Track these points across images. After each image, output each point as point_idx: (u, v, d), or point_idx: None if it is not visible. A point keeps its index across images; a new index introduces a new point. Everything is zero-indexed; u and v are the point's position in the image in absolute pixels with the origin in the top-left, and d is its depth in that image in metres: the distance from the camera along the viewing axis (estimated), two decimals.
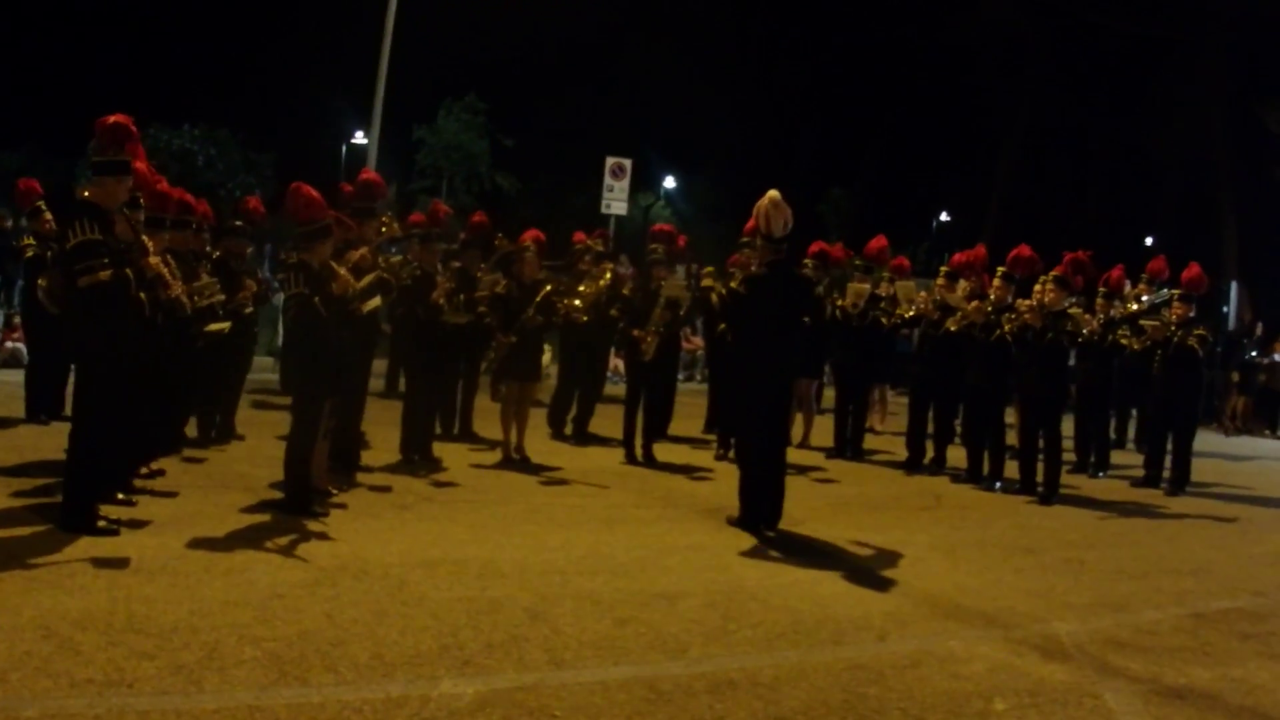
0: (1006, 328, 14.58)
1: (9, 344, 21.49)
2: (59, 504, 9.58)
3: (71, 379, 11.04)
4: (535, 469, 14.21)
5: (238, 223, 15.17)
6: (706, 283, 15.80)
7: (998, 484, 15.02)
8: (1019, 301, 14.75)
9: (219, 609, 7.57)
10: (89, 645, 6.73)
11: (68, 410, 12.10)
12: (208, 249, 13.79)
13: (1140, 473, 16.58)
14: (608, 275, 16.16)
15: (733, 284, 12.18)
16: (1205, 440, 19.98)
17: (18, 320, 20.54)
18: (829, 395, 18.64)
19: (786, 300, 11.63)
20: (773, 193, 11.55)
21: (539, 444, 15.56)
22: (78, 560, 8.45)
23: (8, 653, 6.53)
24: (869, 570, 10.19)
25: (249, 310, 14.67)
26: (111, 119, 9.73)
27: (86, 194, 9.76)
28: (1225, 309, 30.98)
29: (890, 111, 58.56)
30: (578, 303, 15.54)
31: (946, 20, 50.36)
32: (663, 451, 15.79)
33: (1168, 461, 16.29)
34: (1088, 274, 15.03)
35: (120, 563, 8.45)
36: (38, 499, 10.42)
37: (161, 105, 41.73)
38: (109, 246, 9.34)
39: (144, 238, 9.91)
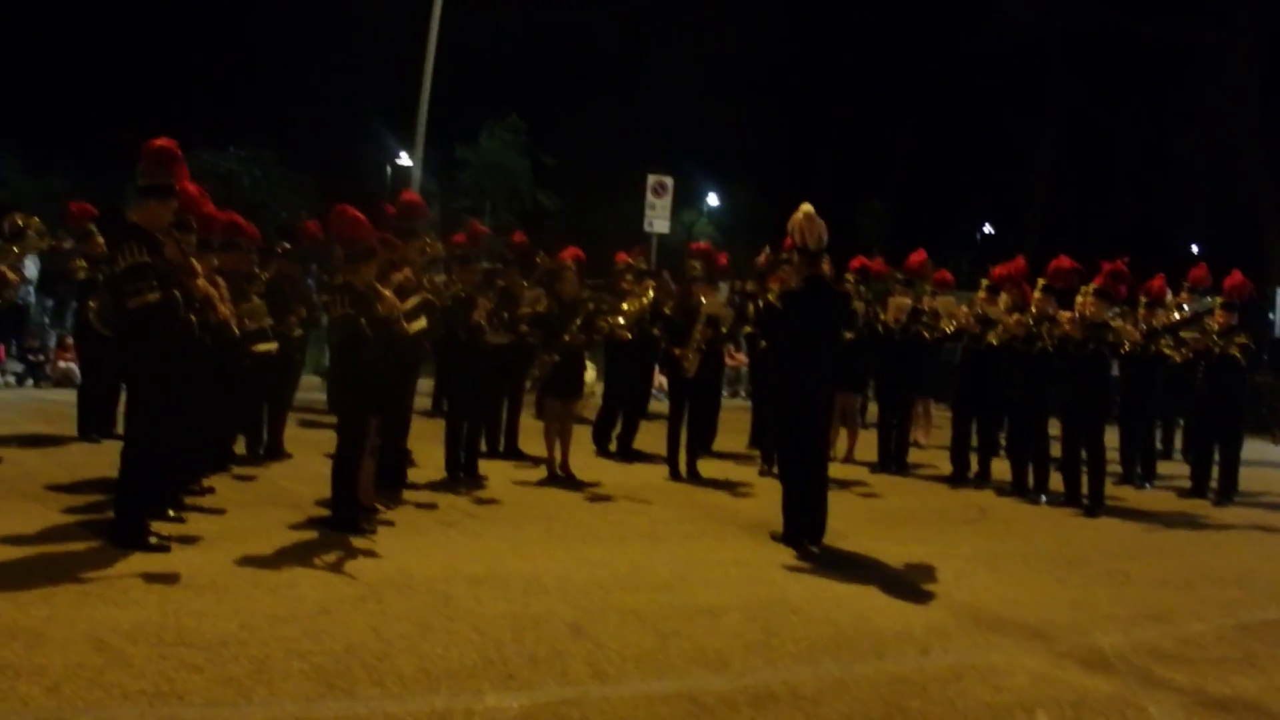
0: (1048, 340, 14.57)
1: (62, 364, 21.73)
2: (111, 520, 9.70)
3: (123, 399, 11.15)
4: (579, 485, 14.26)
5: (286, 245, 15.29)
6: (750, 286, 15.79)
7: (1043, 497, 14.98)
8: (1060, 313, 14.72)
9: (267, 623, 7.65)
10: (140, 657, 6.83)
11: (119, 429, 12.23)
12: (256, 270, 13.91)
13: (1187, 483, 16.45)
14: (650, 292, 16.20)
15: (770, 298, 12.20)
16: (1253, 449, 19.83)
17: (70, 341, 20.74)
18: (873, 409, 18.63)
19: (824, 314, 11.66)
20: (806, 206, 11.59)
21: (583, 460, 15.58)
22: (129, 575, 8.56)
23: (61, 664, 6.63)
24: (911, 583, 10.20)
25: (298, 333, 14.80)
26: (157, 142, 9.87)
27: (134, 217, 9.89)
28: (1271, 315, 30.81)
29: (932, 123, 58.42)
30: (622, 320, 15.58)
31: (983, 30, 50.21)
32: (707, 467, 15.80)
33: (1215, 471, 16.17)
34: (1128, 283, 14.99)
35: (170, 578, 8.55)
36: (90, 515, 10.56)
37: (207, 127, 41.99)
38: (157, 269, 9.45)
39: (192, 260, 10.03)
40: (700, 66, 51.38)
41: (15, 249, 13.73)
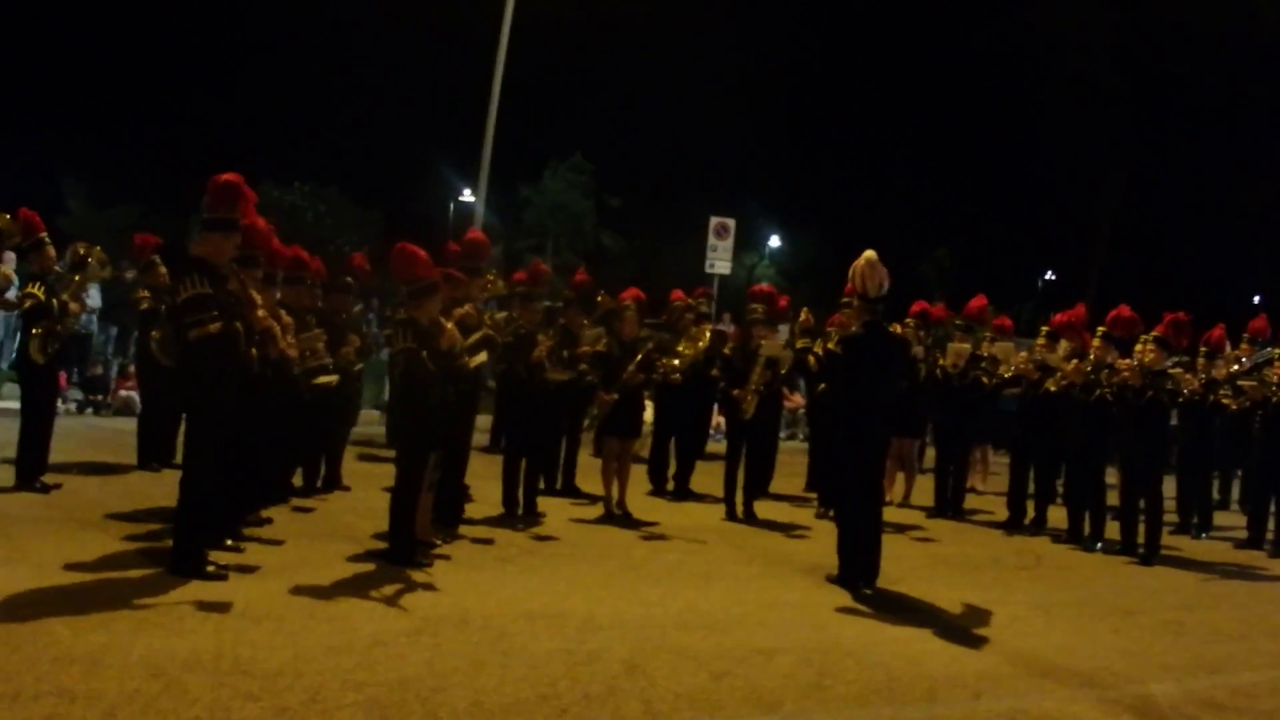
0: (1107, 388, 14.53)
1: (123, 393, 21.92)
2: (169, 549, 9.79)
3: (183, 428, 11.26)
4: (635, 524, 14.28)
5: (349, 279, 15.41)
6: (802, 343, 15.83)
7: (1099, 545, 14.89)
8: (1119, 361, 14.68)
9: (322, 654, 7.72)
10: (195, 686, 6.89)
11: (179, 459, 12.34)
12: (319, 304, 14.03)
13: (1244, 534, 16.34)
14: (706, 336, 16.24)
15: (830, 344, 12.25)
16: None
17: (131, 370, 20.91)
18: (930, 455, 18.60)
19: (882, 360, 11.69)
20: (869, 253, 11.64)
21: (640, 500, 15.64)
22: (186, 603, 8.65)
23: (117, 690, 6.71)
24: (965, 629, 10.18)
25: (359, 368, 14.91)
26: (224, 177, 9.99)
27: (198, 250, 10.00)
28: None
29: (997, 171, 58.39)
30: (675, 362, 15.62)
31: (1050, 80, 50.15)
32: (763, 509, 15.78)
33: (1271, 523, 16.06)
34: (1188, 335, 14.94)
35: (227, 607, 8.63)
36: (149, 544, 10.68)
37: (273, 162, 42.39)
38: (219, 301, 9.56)
39: (253, 292, 10.15)
40: (765, 110, 51.45)
41: (77, 278, 13.91)
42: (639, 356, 14.70)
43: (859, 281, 11.56)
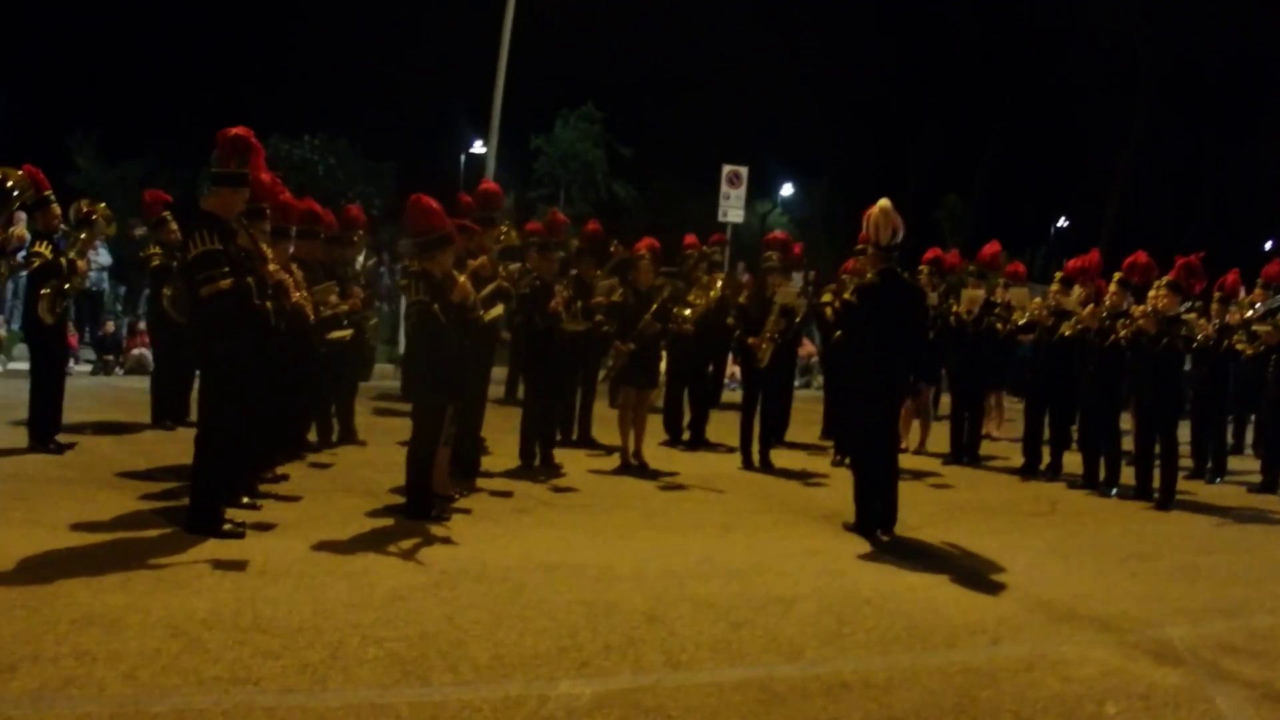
0: (1122, 334, 14.50)
1: (135, 351, 21.86)
2: (186, 507, 9.80)
3: (196, 385, 11.26)
4: (653, 474, 14.30)
5: (351, 232, 15.37)
6: (826, 298, 15.76)
7: (1114, 490, 14.92)
8: (1134, 308, 14.66)
9: (342, 610, 7.74)
10: (216, 644, 6.92)
11: (193, 416, 12.36)
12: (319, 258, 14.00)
13: (1257, 478, 16.35)
14: (718, 285, 16.21)
15: (845, 294, 12.24)
16: None
17: (143, 327, 20.89)
18: (945, 401, 18.59)
19: (897, 308, 11.68)
20: (883, 201, 11.64)
21: (657, 450, 15.66)
22: (204, 562, 8.68)
23: (138, 650, 6.72)
24: (983, 575, 10.20)
25: (374, 321, 14.90)
26: (232, 131, 9.95)
27: (208, 205, 9.99)
28: None
29: (1007, 117, 58.15)
30: (687, 312, 15.59)
31: (1062, 28, 49.96)
32: (779, 457, 15.83)
33: None
34: (1201, 278, 14.91)
35: (246, 564, 8.66)
36: (165, 502, 10.69)
37: (282, 115, 42.20)
38: (230, 256, 9.54)
39: (264, 246, 10.13)
40: (778, 59, 51.21)
41: (83, 236, 13.85)
42: (654, 306, 14.69)
43: (873, 230, 11.57)
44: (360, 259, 15.83)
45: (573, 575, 9.15)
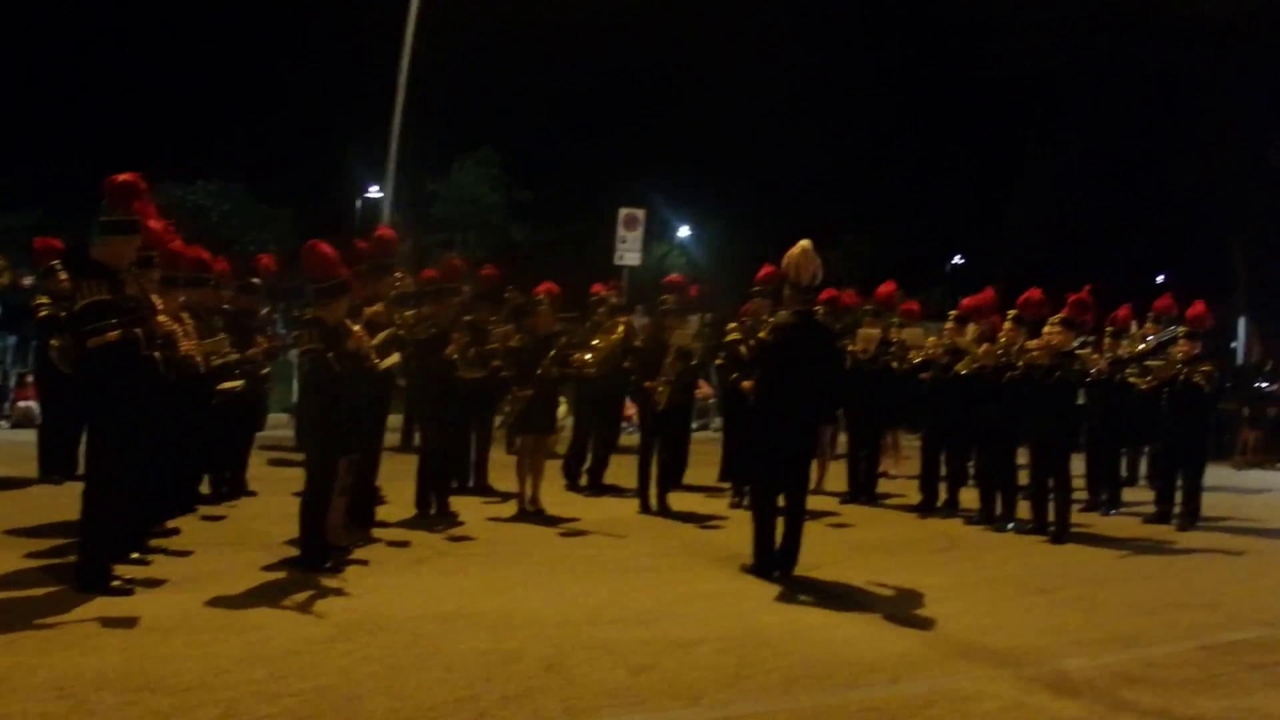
0: (1017, 369, 14.64)
1: (22, 403, 21.46)
2: (74, 564, 9.62)
3: (85, 438, 11.11)
4: (551, 521, 14.25)
5: (255, 280, 15.24)
6: (732, 337, 15.79)
7: (1011, 525, 15.05)
8: (1028, 343, 14.82)
9: (236, 666, 7.62)
10: (104, 705, 6.79)
11: (81, 470, 12.19)
12: (225, 306, 13.88)
13: (1152, 509, 16.60)
14: (620, 329, 16.22)
15: (761, 334, 12.27)
16: (1216, 475, 19.99)
17: (30, 379, 20.57)
18: (843, 440, 18.67)
19: (813, 349, 11.77)
20: (804, 242, 11.71)
21: (554, 496, 15.59)
22: (93, 620, 8.51)
23: (22, 713, 6.59)
24: (882, 613, 10.25)
25: (265, 371, 14.76)
26: (120, 178, 9.79)
27: (97, 254, 9.84)
28: (1234, 344, 31.02)
29: (903, 156, 58.73)
30: (588, 356, 15.59)
31: (953, 70, 50.59)
32: (677, 500, 15.81)
33: (1178, 497, 16.28)
34: (1093, 312, 15.12)
35: (136, 622, 8.51)
36: (52, 559, 10.48)
37: (176, 161, 41.90)
38: (118, 306, 9.40)
39: (153, 296, 10.00)
40: (675, 99, 51.45)
41: None
42: (553, 351, 14.66)
43: (793, 270, 11.62)
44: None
45: (470, 625, 9.08)
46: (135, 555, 10.40)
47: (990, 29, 46.88)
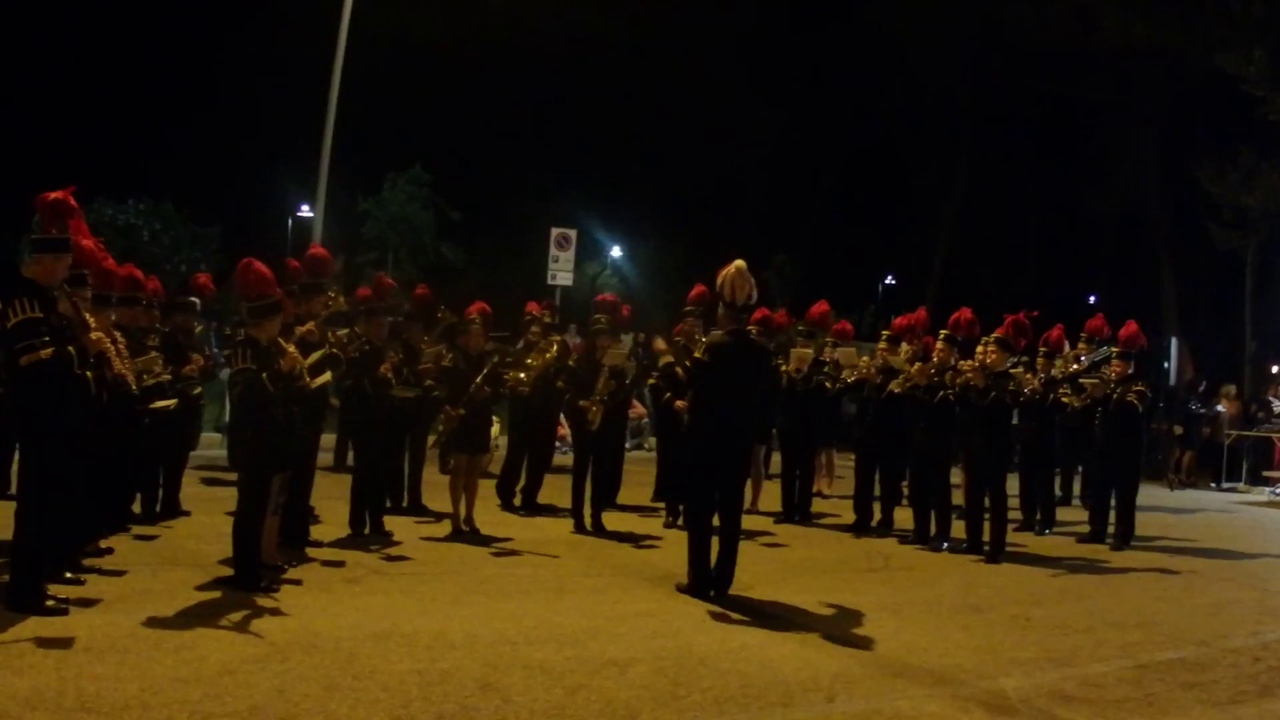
0: (951, 389, 14.73)
1: None
2: (5, 584, 9.53)
3: (16, 457, 11.01)
4: (485, 540, 14.20)
5: (191, 299, 15.16)
6: (666, 359, 15.81)
7: (945, 544, 15.12)
8: (962, 363, 14.91)
9: (170, 686, 7.56)
10: None
11: (12, 489, 12.07)
12: (158, 325, 13.80)
13: (1085, 529, 16.70)
14: (554, 348, 16.23)
15: (696, 353, 12.29)
16: (1150, 494, 20.20)
17: None
18: (776, 460, 18.72)
19: (748, 368, 11.86)
20: (739, 262, 11.75)
21: (488, 515, 15.55)
22: (26, 640, 8.42)
23: None
24: (818, 632, 10.25)
25: (198, 390, 14.68)
26: (52, 196, 9.75)
27: (28, 272, 9.78)
28: (1166, 365, 31.31)
29: (837, 176, 59.11)
30: (522, 375, 15.61)
31: (885, 86, 50.91)
32: (612, 520, 15.80)
33: (1112, 517, 16.40)
34: (1029, 335, 15.23)
35: (69, 642, 8.41)
36: None
37: (106, 180, 41.61)
38: (50, 324, 9.34)
39: (86, 315, 9.93)
40: (606, 119, 51.51)
41: None
42: (485, 371, 14.65)
43: (728, 290, 11.65)
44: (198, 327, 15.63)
45: (405, 644, 9.04)
46: (69, 574, 10.31)
47: (918, 55, 47.30)
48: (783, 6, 53.03)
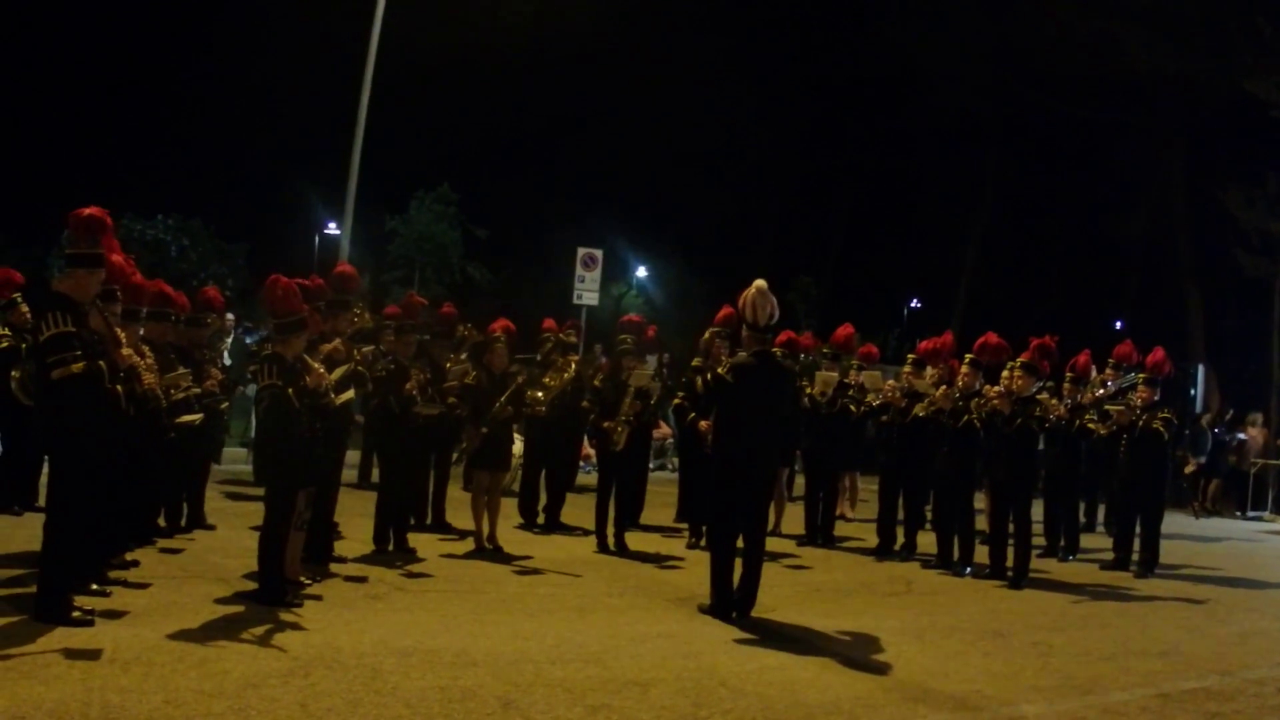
0: (975, 414, 14.71)
1: None
2: (33, 594, 9.57)
3: (45, 470, 11.05)
4: (507, 558, 14.20)
5: (212, 315, 15.21)
6: (696, 362, 15.84)
7: (968, 569, 15.06)
8: (987, 388, 14.89)
9: (193, 699, 7.59)
10: None
11: (41, 501, 12.11)
12: (169, 339, 13.85)
13: (1110, 556, 16.64)
14: (572, 368, 16.26)
15: (720, 370, 12.29)
16: (1175, 522, 20.12)
17: None
18: (800, 483, 18.70)
19: (771, 389, 11.86)
20: (759, 282, 11.75)
21: (511, 533, 15.58)
22: (52, 651, 8.46)
23: None
24: (839, 656, 10.23)
25: (225, 405, 14.72)
26: (85, 211, 9.81)
27: (60, 286, 9.84)
28: (1192, 392, 31.20)
29: (861, 199, 59.07)
30: (540, 395, 15.63)
31: (910, 109, 50.78)
32: (635, 540, 15.79)
33: (1137, 544, 16.35)
34: (1054, 360, 15.20)
35: (95, 653, 8.44)
36: (12, 589, 10.36)
37: (136, 196, 41.84)
38: (82, 339, 9.40)
39: (117, 330, 9.99)
40: (633, 140, 51.53)
41: None
42: (510, 390, 14.67)
43: (750, 311, 11.67)
44: (229, 340, 15.66)
45: (428, 661, 9.05)
46: (95, 586, 10.35)
47: (943, 78, 47.17)
48: (810, 30, 53.06)
